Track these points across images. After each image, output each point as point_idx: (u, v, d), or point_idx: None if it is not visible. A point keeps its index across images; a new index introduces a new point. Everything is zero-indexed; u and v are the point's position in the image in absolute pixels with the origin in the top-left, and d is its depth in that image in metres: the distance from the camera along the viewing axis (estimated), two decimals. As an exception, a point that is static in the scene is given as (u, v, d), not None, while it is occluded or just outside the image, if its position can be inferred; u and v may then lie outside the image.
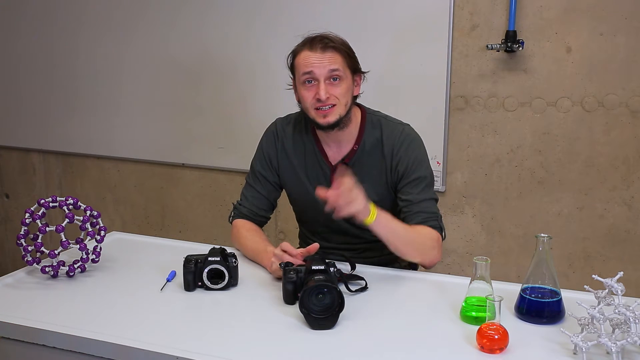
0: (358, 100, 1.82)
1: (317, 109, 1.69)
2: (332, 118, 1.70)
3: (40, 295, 1.56)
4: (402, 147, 1.76)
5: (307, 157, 1.83)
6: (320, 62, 1.67)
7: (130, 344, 1.29)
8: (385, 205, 1.79)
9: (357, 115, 1.80)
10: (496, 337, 1.24)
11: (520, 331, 1.33)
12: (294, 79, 1.76)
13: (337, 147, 1.80)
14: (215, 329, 1.39)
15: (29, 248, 1.64)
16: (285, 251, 1.60)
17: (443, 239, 1.72)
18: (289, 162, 1.86)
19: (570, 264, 2.50)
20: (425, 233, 1.68)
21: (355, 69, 1.74)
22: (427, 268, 1.73)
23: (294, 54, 1.73)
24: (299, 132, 1.85)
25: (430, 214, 1.72)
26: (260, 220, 1.90)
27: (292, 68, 1.75)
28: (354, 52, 1.74)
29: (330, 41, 1.69)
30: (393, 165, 1.76)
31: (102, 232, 1.70)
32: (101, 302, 1.51)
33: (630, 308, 1.20)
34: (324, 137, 1.80)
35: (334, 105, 1.69)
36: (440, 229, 1.71)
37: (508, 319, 1.37)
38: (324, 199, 1.50)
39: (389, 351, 1.28)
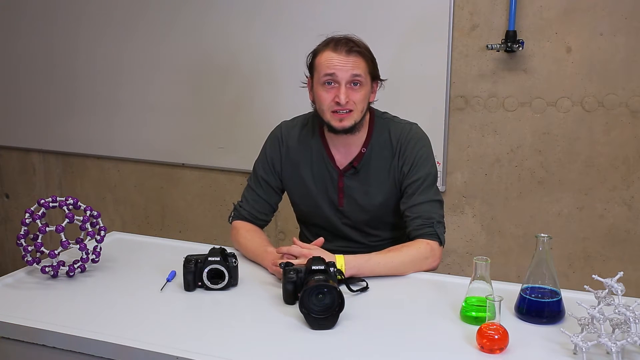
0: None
1: (334, 112, 1.68)
2: (347, 123, 1.69)
3: (40, 295, 1.56)
4: (408, 147, 1.76)
5: (314, 161, 1.82)
6: (344, 66, 1.65)
7: (130, 344, 1.29)
8: (392, 205, 1.80)
9: (366, 118, 1.79)
10: (496, 337, 1.24)
11: (520, 331, 1.33)
12: (311, 78, 1.74)
13: (346, 151, 1.80)
14: (215, 329, 1.39)
15: (29, 248, 1.64)
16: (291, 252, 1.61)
17: (442, 243, 1.72)
18: (293, 167, 1.85)
19: (570, 264, 2.50)
20: (414, 250, 1.68)
21: (374, 76, 1.73)
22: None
23: (315, 53, 1.71)
24: (305, 136, 1.84)
25: (426, 219, 1.71)
26: (260, 224, 1.90)
27: (312, 67, 1.73)
28: (375, 59, 1.73)
29: (355, 45, 1.67)
30: (399, 165, 1.77)
31: (102, 232, 1.70)
32: (101, 302, 1.51)
33: (630, 308, 1.20)
34: (333, 140, 1.79)
35: (351, 110, 1.68)
36: (436, 235, 1.70)
37: (508, 319, 1.37)
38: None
39: (389, 351, 1.28)
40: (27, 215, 1.64)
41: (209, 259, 1.55)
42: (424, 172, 1.75)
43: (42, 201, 1.64)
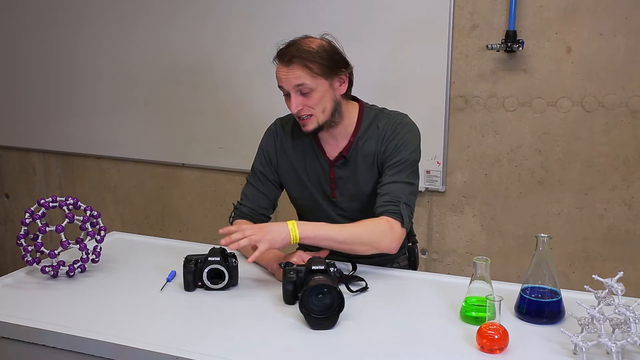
0: (361, 96, 1.82)
1: (297, 117, 1.72)
2: (310, 127, 1.71)
3: (40, 295, 1.56)
4: (394, 132, 1.75)
5: (306, 154, 1.84)
6: (286, 77, 1.66)
7: (130, 344, 1.29)
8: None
9: (352, 109, 1.79)
10: (496, 337, 1.25)
11: (520, 331, 1.33)
12: None
13: (335, 143, 1.81)
14: (215, 329, 1.39)
15: (29, 248, 1.64)
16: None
17: (404, 224, 1.66)
18: (288, 160, 1.86)
19: (570, 264, 2.50)
20: (372, 226, 1.65)
21: (331, 73, 1.68)
22: (391, 254, 1.70)
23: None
24: (297, 130, 1.85)
25: (394, 198, 1.68)
26: (261, 220, 1.89)
27: None
28: (332, 54, 1.69)
29: (293, 55, 1.64)
30: (382, 149, 1.76)
31: (102, 232, 1.70)
32: (101, 302, 1.51)
33: (630, 308, 1.20)
34: (321, 134, 1.80)
35: (310, 115, 1.69)
36: (399, 215, 1.66)
37: (508, 319, 1.37)
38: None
39: (389, 351, 1.28)
40: (27, 215, 1.64)
41: (209, 259, 1.56)
42: (404, 155, 1.73)
43: (42, 201, 1.64)
